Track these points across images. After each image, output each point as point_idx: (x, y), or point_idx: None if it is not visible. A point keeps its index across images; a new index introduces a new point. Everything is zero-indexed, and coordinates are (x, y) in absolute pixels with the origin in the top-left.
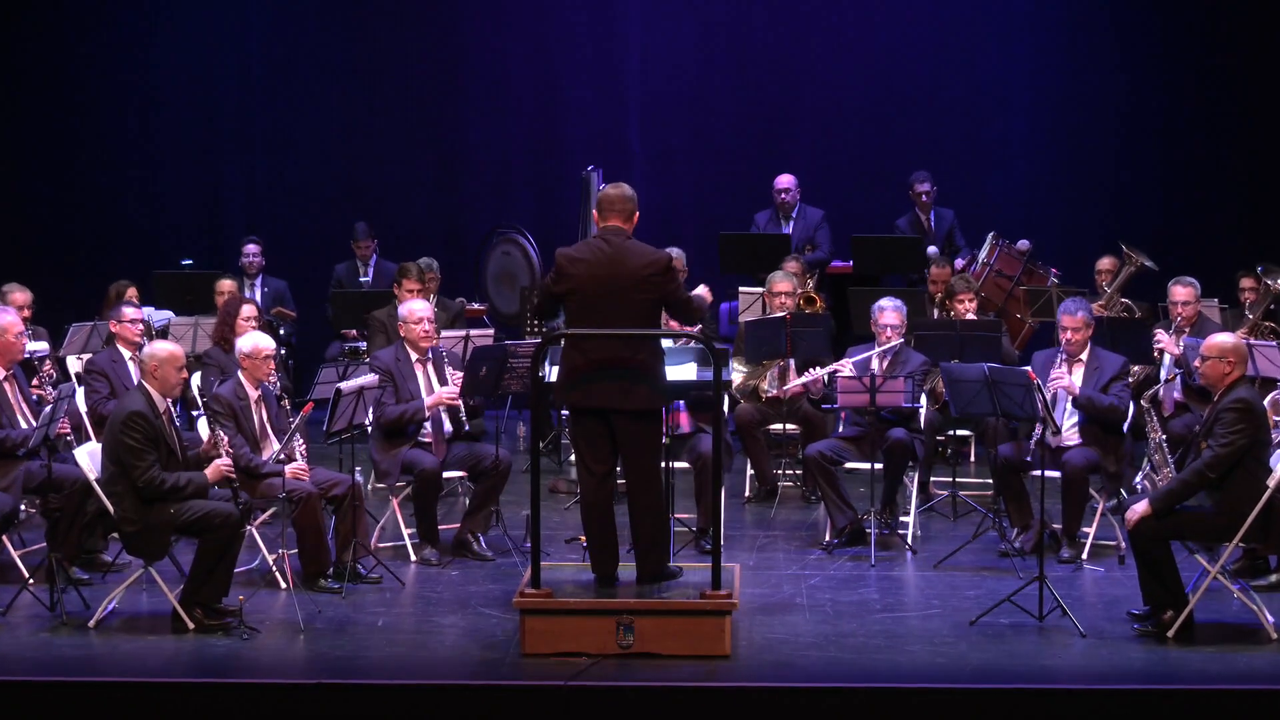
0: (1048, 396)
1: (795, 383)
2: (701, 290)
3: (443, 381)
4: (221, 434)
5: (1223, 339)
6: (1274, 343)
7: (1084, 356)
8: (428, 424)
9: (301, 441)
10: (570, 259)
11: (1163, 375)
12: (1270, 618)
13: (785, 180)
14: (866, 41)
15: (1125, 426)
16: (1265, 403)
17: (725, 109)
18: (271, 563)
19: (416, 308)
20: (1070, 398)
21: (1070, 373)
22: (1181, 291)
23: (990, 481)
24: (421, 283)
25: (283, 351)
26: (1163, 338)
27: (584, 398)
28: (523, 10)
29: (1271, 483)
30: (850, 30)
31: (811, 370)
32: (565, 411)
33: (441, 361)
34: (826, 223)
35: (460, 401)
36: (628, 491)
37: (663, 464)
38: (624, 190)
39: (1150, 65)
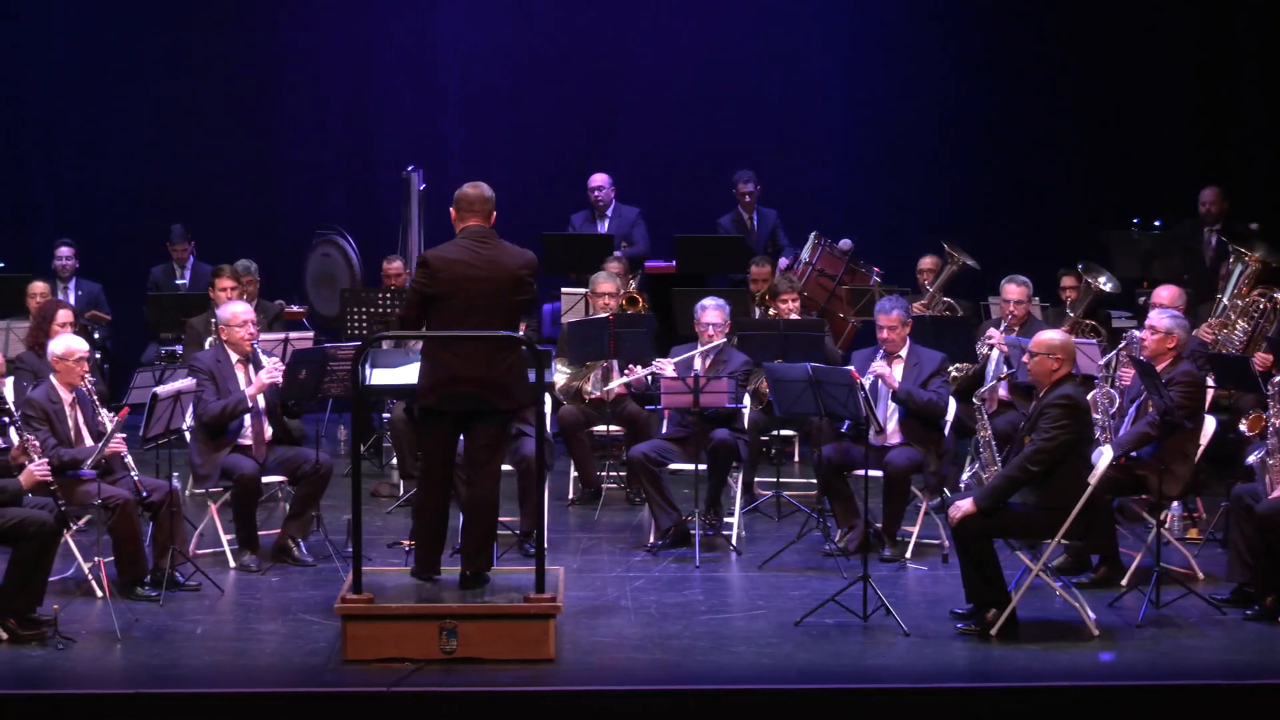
0: (867, 386)
1: (617, 382)
2: None
3: None
4: (30, 439)
5: (1050, 335)
6: (1095, 340)
7: (903, 353)
8: (248, 426)
9: (121, 442)
10: (445, 261)
11: (989, 372)
12: (1092, 614)
13: (599, 179)
14: (686, 39)
15: (947, 425)
16: (1087, 399)
17: (544, 107)
18: (87, 571)
19: (238, 310)
20: (890, 391)
21: (890, 370)
22: (1014, 290)
23: (814, 481)
24: (236, 281)
25: (98, 355)
26: (995, 334)
27: (455, 400)
28: (339, 8)
29: (1093, 480)
30: (670, 28)
31: (632, 368)
32: (395, 412)
33: (259, 360)
34: (642, 219)
35: (281, 377)
36: (470, 491)
37: None
38: (483, 190)
39: (970, 63)
